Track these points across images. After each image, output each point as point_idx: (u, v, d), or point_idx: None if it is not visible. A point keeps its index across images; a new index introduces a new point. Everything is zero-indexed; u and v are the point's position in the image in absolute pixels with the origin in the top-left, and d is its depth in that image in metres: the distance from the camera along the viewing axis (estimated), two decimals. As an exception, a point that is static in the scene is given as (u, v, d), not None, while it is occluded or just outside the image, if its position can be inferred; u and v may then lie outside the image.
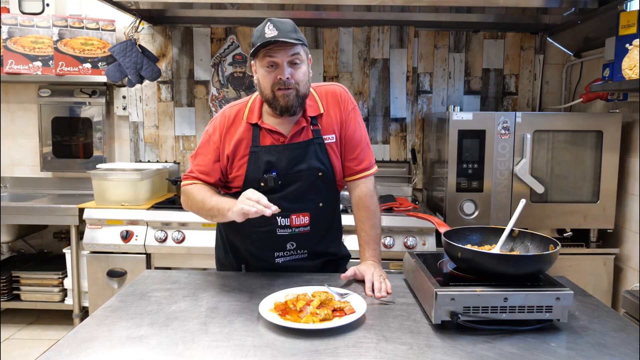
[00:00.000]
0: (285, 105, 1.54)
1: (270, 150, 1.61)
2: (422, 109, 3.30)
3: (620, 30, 2.25)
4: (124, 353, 1.13)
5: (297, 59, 1.52)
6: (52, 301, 3.05)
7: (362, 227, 1.70)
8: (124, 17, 3.12)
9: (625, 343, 1.18)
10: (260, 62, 1.53)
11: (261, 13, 3.07)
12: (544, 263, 1.27)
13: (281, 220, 1.63)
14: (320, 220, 1.68)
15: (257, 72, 1.58)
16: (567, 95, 3.20)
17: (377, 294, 1.48)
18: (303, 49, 1.55)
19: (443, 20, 3.18)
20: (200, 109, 3.32)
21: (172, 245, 2.64)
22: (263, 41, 1.47)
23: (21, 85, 3.36)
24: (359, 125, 1.71)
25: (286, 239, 1.65)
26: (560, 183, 2.61)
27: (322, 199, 1.66)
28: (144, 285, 1.56)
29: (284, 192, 1.62)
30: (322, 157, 1.64)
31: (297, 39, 1.50)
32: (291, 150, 1.62)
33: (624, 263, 2.62)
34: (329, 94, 1.68)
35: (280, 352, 1.13)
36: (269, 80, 1.52)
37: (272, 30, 1.47)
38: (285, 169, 1.61)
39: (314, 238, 1.68)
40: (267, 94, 1.55)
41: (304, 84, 1.56)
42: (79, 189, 3.37)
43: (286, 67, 1.50)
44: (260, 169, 1.61)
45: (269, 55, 1.49)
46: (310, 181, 1.63)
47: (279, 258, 1.68)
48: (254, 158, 1.61)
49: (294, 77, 1.52)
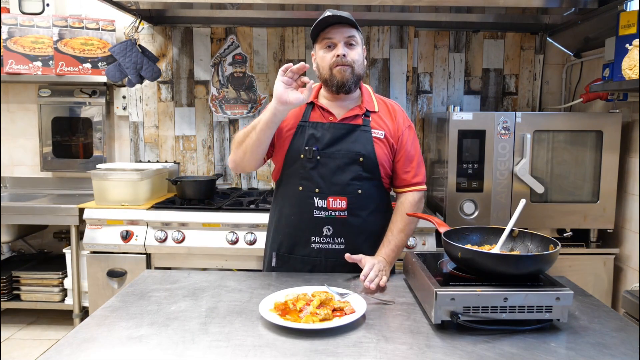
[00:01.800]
0: (341, 80, 1.63)
1: (317, 125, 1.69)
2: (422, 109, 3.30)
3: (620, 30, 2.25)
4: (124, 353, 1.13)
5: (353, 40, 1.65)
6: (52, 301, 3.05)
7: (390, 228, 1.74)
8: (124, 17, 3.12)
9: (625, 343, 1.18)
10: (319, 44, 1.67)
11: (261, 13, 3.08)
12: (544, 263, 1.27)
13: (318, 201, 1.66)
14: (358, 208, 1.68)
15: (316, 58, 1.70)
16: (567, 95, 3.20)
17: (367, 283, 1.50)
18: (358, 34, 1.67)
19: (443, 20, 3.18)
20: (200, 109, 3.32)
21: (172, 245, 2.64)
22: (322, 22, 1.61)
23: (21, 85, 3.36)
24: (415, 141, 1.80)
25: (323, 222, 1.68)
26: (560, 183, 2.61)
27: (361, 187, 1.68)
28: (144, 285, 1.56)
29: (322, 169, 1.67)
30: (365, 143, 1.68)
31: (354, 22, 1.63)
32: (336, 129, 1.68)
33: (624, 263, 2.62)
34: (385, 102, 1.80)
35: (280, 352, 1.13)
36: (327, 59, 1.65)
37: (330, 14, 1.61)
38: (326, 145, 1.67)
39: (352, 227, 1.69)
40: (324, 73, 1.66)
41: (359, 64, 1.66)
42: (79, 189, 3.37)
43: (343, 45, 1.62)
44: (303, 141, 1.68)
45: (327, 37, 1.64)
46: (350, 164, 1.67)
47: (315, 244, 1.70)
48: (300, 131, 1.70)
49: (350, 56, 1.63)
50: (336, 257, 1.69)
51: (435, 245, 2.58)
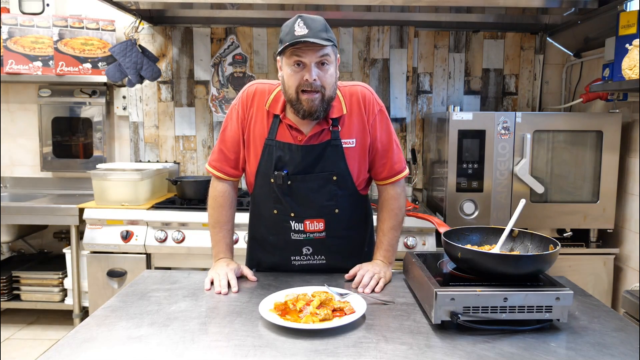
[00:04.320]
0: (309, 109, 1.47)
1: (284, 147, 1.56)
2: (422, 109, 3.30)
3: (620, 30, 2.25)
4: (124, 353, 1.13)
5: (326, 60, 1.45)
6: (52, 301, 3.05)
7: (380, 227, 1.68)
8: (124, 17, 3.12)
9: (625, 343, 1.18)
10: (287, 60, 1.46)
11: (261, 13, 3.08)
12: (544, 263, 1.27)
13: (294, 224, 1.61)
14: (337, 227, 1.63)
15: (282, 69, 1.51)
16: (567, 95, 3.20)
17: (360, 289, 1.48)
18: (332, 49, 1.47)
19: (443, 20, 3.18)
20: (200, 109, 3.32)
21: (172, 245, 2.64)
22: (292, 40, 1.40)
23: (21, 85, 3.36)
24: (386, 128, 1.64)
25: (301, 244, 1.64)
26: (560, 183, 2.61)
27: (337, 206, 1.61)
28: (144, 285, 1.56)
29: (294, 194, 1.58)
30: (337, 160, 1.57)
31: (328, 39, 1.43)
32: (305, 152, 1.56)
33: (624, 263, 2.62)
34: (354, 95, 1.61)
35: (280, 352, 1.13)
36: (294, 80, 1.46)
37: (302, 28, 1.40)
38: (296, 170, 1.57)
39: (332, 245, 1.65)
40: (291, 95, 1.48)
41: (331, 87, 1.49)
42: (79, 189, 3.37)
43: (313, 68, 1.43)
44: (271, 165, 1.57)
45: (296, 54, 1.43)
46: (323, 185, 1.58)
47: (296, 261, 1.68)
48: (267, 152, 1.58)
49: (321, 80, 1.45)
50: (319, 270, 1.67)
51: (435, 245, 2.58)
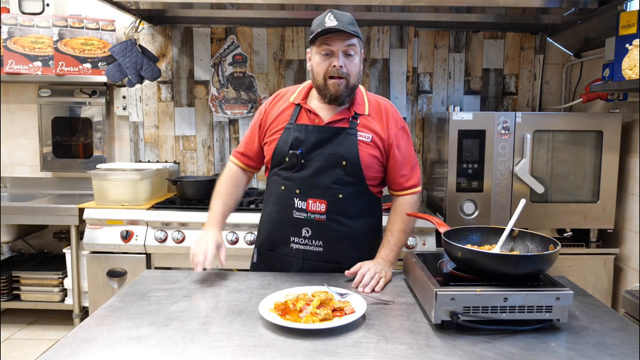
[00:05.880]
0: (335, 93, 1.61)
1: (301, 128, 1.67)
2: (422, 109, 3.30)
3: (620, 30, 2.25)
4: (124, 353, 1.13)
5: (352, 49, 1.59)
6: (52, 301, 3.05)
7: (389, 228, 1.74)
8: (124, 17, 3.12)
9: (625, 343, 1.18)
10: (316, 49, 1.61)
11: (261, 13, 3.08)
12: (544, 263, 1.27)
13: (298, 202, 1.66)
14: (338, 213, 1.67)
15: (311, 59, 1.65)
16: (567, 95, 3.20)
17: (360, 289, 1.50)
18: (358, 42, 1.61)
19: (443, 20, 3.18)
20: (200, 109, 3.32)
21: (172, 245, 2.64)
22: (322, 29, 1.54)
23: (21, 85, 3.36)
24: (408, 143, 1.75)
25: (302, 223, 1.68)
26: (560, 183, 2.61)
27: (342, 191, 1.66)
28: (144, 285, 1.56)
29: (304, 171, 1.66)
30: (350, 146, 1.65)
31: (355, 31, 1.58)
32: (321, 132, 1.66)
33: (624, 263, 2.62)
34: (379, 104, 1.74)
35: (280, 352, 1.13)
36: (323, 67, 1.60)
37: (332, 20, 1.55)
38: (310, 149, 1.65)
39: (331, 231, 1.67)
40: (319, 81, 1.62)
41: (355, 76, 1.63)
42: (79, 189, 3.37)
43: (341, 56, 1.58)
44: (287, 145, 1.67)
45: (326, 43, 1.57)
46: (331, 167, 1.65)
47: (294, 244, 1.70)
48: (285, 134, 1.69)
49: (347, 67, 1.59)
50: (314, 259, 1.69)
51: (435, 245, 2.58)
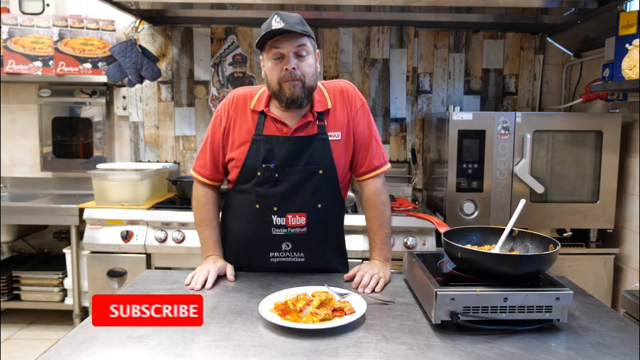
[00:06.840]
0: (290, 96, 1.52)
1: (272, 140, 1.59)
2: (422, 109, 3.30)
3: (620, 30, 2.25)
4: (124, 353, 1.13)
5: (304, 50, 1.52)
6: (52, 301, 3.05)
7: (370, 227, 1.70)
8: (124, 17, 3.12)
9: (625, 343, 1.18)
10: (267, 54, 1.54)
11: (261, 13, 3.07)
12: (544, 263, 1.27)
13: (276, 219, 1.61)
14: (318, 223, 1.64)
15: (264, 65, 1.57)
16: (567, 95, 3.20)
17: (360, 289, 1.49)
18: (310, 41, 1.54)
19: (443, 20, 3.18)
20: (200, 109, 3.32)
21: (172, 245, 2.64)
22: (268, 31, 1.47)
23: (21, 85, 3.36)
24: (368, 122, 1.68)
25: (282, 239, 1.64)
26: (560, 183, 2.61)
27: (320, 201, 1.62)
28: (144, 285, 1.57)
29: (280, 186, 1.60)
30: (324, 154, 1.60)
31: (303, 30, 1.50)
32: (293, 143, 1.59)
33: (624, 263, 2.62)
34: (337, 90, 1.66)
35: (280, 352, 1.13)
36: (275, 72, 1.52)
37: (278, 22, 1.47)
38: (284, 162, 1.59)
39: (312, 241, 1.65)
40: (273, 87, 1.54)
41: (310, 77, 1.54)
42: (79, 189, 3.37)
43: (292, 57, 1.50)
44: (259, 158, 1.59)
45: (275, 46, 1.50)
46: (309, 178, 1.60)
47: (274, 258, 1.67)
48: (254, 146, 1.60)
49: (300, 69, 1.51)
50: (295, 269, 1.67)
51: (435, 245, 2.57)
